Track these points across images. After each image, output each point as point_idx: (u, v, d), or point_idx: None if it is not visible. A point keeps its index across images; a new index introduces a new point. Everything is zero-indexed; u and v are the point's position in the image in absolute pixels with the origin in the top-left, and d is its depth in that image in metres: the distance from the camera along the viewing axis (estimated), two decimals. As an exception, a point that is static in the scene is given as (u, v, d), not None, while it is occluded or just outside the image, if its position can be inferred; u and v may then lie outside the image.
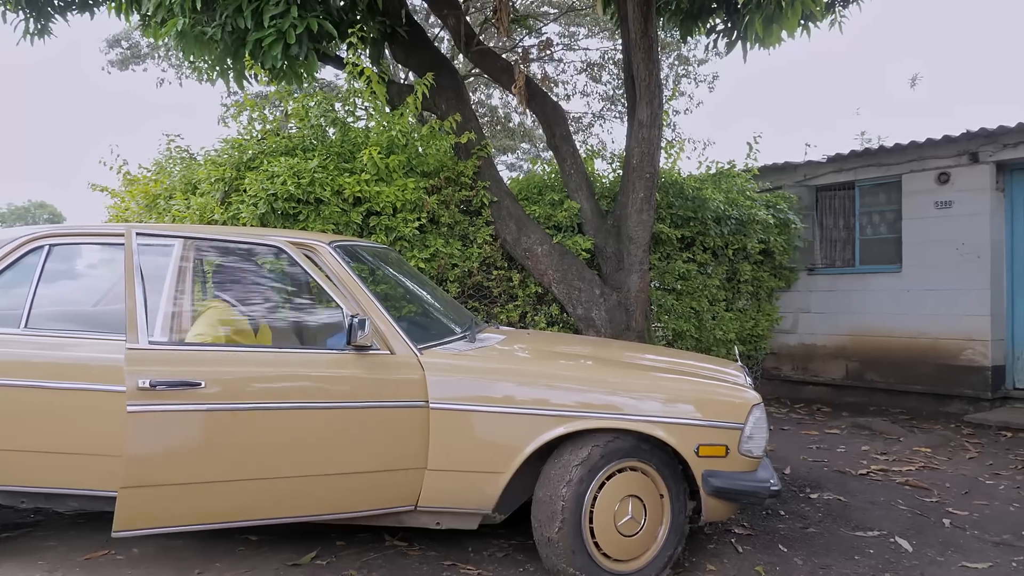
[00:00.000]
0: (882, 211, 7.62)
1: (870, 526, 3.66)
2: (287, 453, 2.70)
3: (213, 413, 2.59)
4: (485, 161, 5.41)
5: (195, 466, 2.59)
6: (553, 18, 13.78)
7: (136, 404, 2.50)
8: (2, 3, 5.67)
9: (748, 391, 2.98)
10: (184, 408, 2.56)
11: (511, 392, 2.85)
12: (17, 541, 3.34)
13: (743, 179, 7.11)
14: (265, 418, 2.66)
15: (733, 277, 6.92)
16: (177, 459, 2.57)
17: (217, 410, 2.59)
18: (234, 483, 2.65)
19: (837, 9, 5.80)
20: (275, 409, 2.67)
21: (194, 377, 2.57)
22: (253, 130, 5.06)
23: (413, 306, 3.60)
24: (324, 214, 4.54)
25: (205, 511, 2.64)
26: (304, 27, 4.36)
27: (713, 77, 14.60)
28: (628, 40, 5.46)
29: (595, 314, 5.22)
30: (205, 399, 2.58)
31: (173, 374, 2.57)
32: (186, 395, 2.56)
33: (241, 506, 2.69)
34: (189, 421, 2.57)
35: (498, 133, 16.00)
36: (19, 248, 3.12)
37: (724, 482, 2.84)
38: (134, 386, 2.52)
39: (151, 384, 2.52)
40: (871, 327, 7.56)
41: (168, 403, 2.54)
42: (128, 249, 2.66)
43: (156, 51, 13.25)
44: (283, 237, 2.99)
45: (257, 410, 2.64)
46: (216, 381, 2.60)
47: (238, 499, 2.68)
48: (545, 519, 2.82)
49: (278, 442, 2.68)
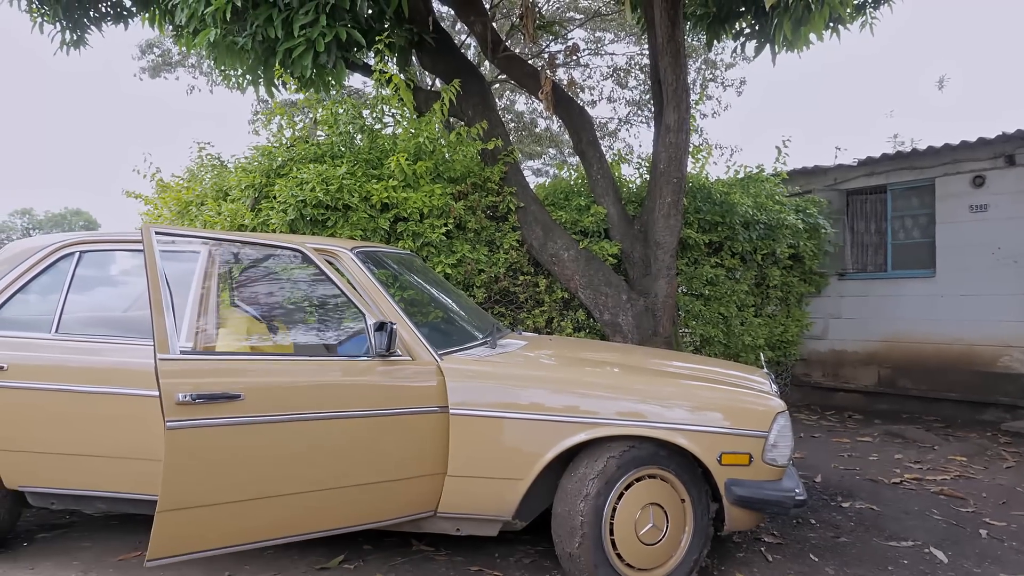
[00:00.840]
0: (915, 215, 7.49)
1: (904, 536, 3.59)
2: (321, 464, 2.63)
3: (253, 426, 2.48)
4: (511, 167, 5.42)
5: (236, 483, 2.47)
6: (579, 23, 13.78)
7: (176, 420, 2.34)
8: (39, 15, 5.81)
9: (773, 399, 2.94)
10: (225, 422, 2.42)
11: (531, 398, 2.84)
12: (53, 542, 3.41)
13: (772, 183, 7.04)
14: (300, 429, 2.57)
15: (762, 282, 6.85)
16: (219, 477, 2.42)
17: (257, 423, 2.48)
18: (274, 499, 2.54)
19: (868, 11, 5.73)
20: (309, 419, 2.59)
21: (234, 389, 2.45)
22: (283, 137, 5.13)
23: (434, 312, 3.60)
24: (352, 220, 4.58)
25: (245, 530, 2.53)
26: (333, 36, 4.41)
27: (741, 82, 14.50)
28: (655, 45, 5.44)
29: (622, 320, 5.20)
30: (245, 411, 2.46)
31: (213, 386, 2.43)
32: (226, 408, 2.43)
33: (280, 522, 2.60)
34: (231, 436, 2.43)
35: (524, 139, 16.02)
36: (51, 254, 3.19)
37: (747, 491, 2.80)
38: (172, 400, 2.35)
39: (192, 398, 2.37)
40: (904, 333, 7.43)
41: (209, 418, 2.40)
42: (149, 249, 2.45)
43: (187, 59, 13.49)
44: (307, 243, 2.99)
45: (293, 421, 2.55)
46: (255, 392, 2.49)
47: (278, 515, 2.58)
48: (565, 534, 2.80)
49: (312, 453, 2.60)
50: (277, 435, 2.52)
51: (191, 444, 2.36)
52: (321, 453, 2.61)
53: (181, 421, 2.34)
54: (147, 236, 2.44)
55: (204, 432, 2.39)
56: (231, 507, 2.45)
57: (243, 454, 2.47)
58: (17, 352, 3.01)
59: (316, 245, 3.00)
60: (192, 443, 2.36)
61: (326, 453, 2.62)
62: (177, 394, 2.35)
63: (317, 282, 2.88)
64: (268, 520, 2.56)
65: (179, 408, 2.35)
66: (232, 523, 2.48)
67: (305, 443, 2.58)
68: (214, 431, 2.41)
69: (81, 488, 3.01)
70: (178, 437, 2.33)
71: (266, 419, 2.49)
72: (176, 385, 2.35)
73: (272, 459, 2.52)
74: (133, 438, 2.91)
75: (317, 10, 4.40)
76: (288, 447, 2.55)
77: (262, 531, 2.56)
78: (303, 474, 2.59)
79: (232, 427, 2.44)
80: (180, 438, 2.33)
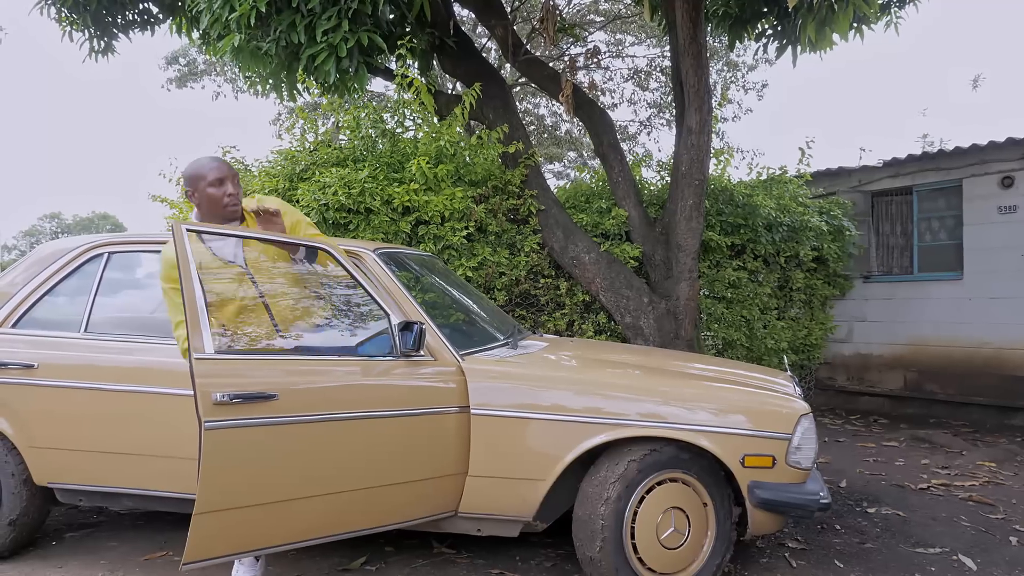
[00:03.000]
0: (941, 217, 7.38)
1: (931, 543, 3.54)
2: (350, 465, 2.61)
3: (288, 426, 2.45)
4: (532, 170, 5.43)
5: (272, 485, 2.45)
6: (600, 26, 13.76)
7: (213, 420, 2.29)
8: (68, 22, 5.92)
9: (796, 401, 2.91)
10: (262, 422, 2.40)
11: (552, 399, 2.83)
12: (81, 541, 3.46)
13: (795, 185, 6.98)
14: (331, 429, 2.56)
15: (785, 285, 6.79)
16: (256, 478, 2.40)
17: (292, 423, 2.46)
18: (306, 500, 2.52)
19: (893, 10, 5.67)
20: (339, 420, 2.57)
21: (269, 389, 2.43)
22: (305, 142, 5.18)
23: (455, 313, 3.61)
24: (374, 223, 4.61)
25: (279, 532, 2.52)
26: (355, 41, 4.44)
27: (762, 85, 14.40)
28: (676, 46, 5.42)
29: (643, 323, 5.18)
30: (280, 411, 2.43)
31: (250, 386, 2.39)
32: (262, 408, 2.40)
33: (312, 524, 2.59)
34: (267, 437, 2.41)
35: (545, 141, 16.02)
36: (80, 256, 3.25)
37: (771, 494, 2.77)
38: (209, 400, 2.30)
39: (230, 397, 2.33)
40: (931, 336, 7.32)
41: (246, 418, 2.36)
42: (180, 247, 2.42)
43: (212, 68, 13.68)
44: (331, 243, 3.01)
45: (324, 421, 2.54)
46: (289, 392, 2.47)
47: (310, 517, 2.57)
48: (586, 538, 2.79)
49: (342, 454, 2.59)
50: (310, 435, 2.50)
51: (228, 445, 2.33)
52: (350, 453, 2.61)
53: (219, 421, 2.30)
54: (178, 233, 2.42)
55: (241, 432, 2.35)
56: (266, 508, 2.44)
57: (278, 455, 2.45)
58: (47, 351, 3.06)
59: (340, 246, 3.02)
60: (229, 444, 2.33)
61: (355, 453, 2.62)
62: (214, 394, 2.30)
63: (342, 282, 2.89)
64: (301, 522, 2.55)
65: (216, 408, 2.30)
66: (267, 525, 2.47)
67: (336, 443, 2.57)
68: (251, 431, 2.37)
69: (108, 485, 3.05)
70: (216, 437, 2.29)
71: (300, 419, 2.48)
72: (213, 385, 2.31)
73: (305, 460, 2.50)
74: (159, 435, 2.95)
75: (339, 15, 4.44)
76: (320, 447, 2.54)
77: (295, 533, 2.55)
78: (334, 475, 2.58)
79: (268, 427, 2.41)
80: (218, 438, 2.30)
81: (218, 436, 2.29)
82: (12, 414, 3.06)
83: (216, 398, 2.30)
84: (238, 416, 2.34)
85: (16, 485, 3.09)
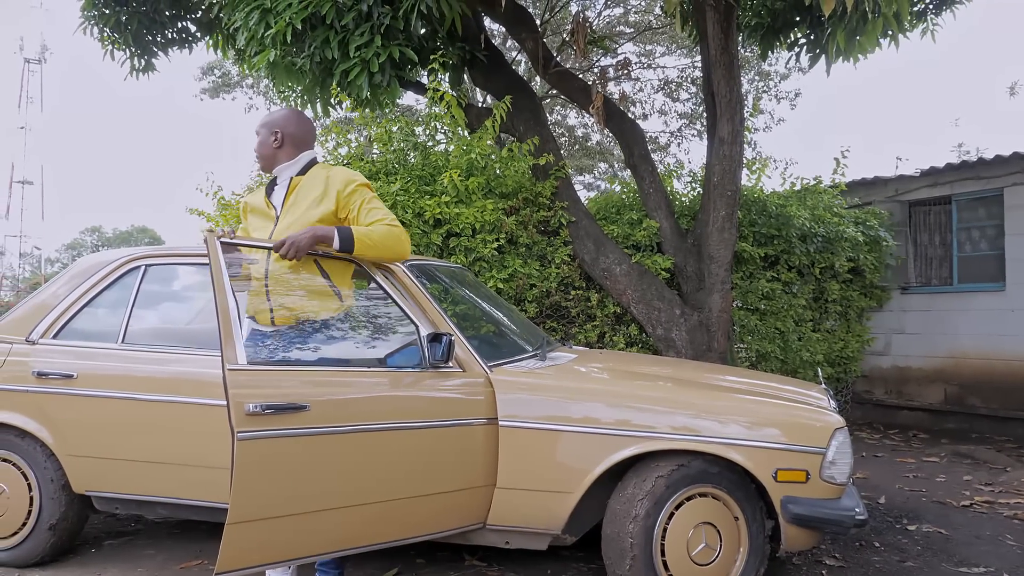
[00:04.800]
0: (982, 226, 7.22)
1: (975, 562, 3.43)
2: (379, 476, 2.61)
3: (320, 437, 2.46)
4: (563, 181, 5.43)
5: (303, 495, 2.44)
6: (630, 37, 13.76)
7: (247, 431, 2.29)
8: (110, 41, 6.09)
9: (831, 414, 2.84)
10: (294, 433, 2.40)
11: (582, 411, 2.81)
12: (119, 548, 3.52)
13: (830, 195, 6.88)
14: (361, 440, 2.56)
15: (820, 296, 6.68)
16: (288, 488, 2.40)
17: (323, 433, 2.46)
18: (338, 511, 2.52)
19: (929, 17, 5.58)
20: (369, 431, 2.57)
21: (301, 399, 2.43)
22: (338, 155, 5.25)
23: (485, 325, 3.61)
24: (405, 236, 4.64)
25: (310, 543, 2.52)
26: (387, 55, 4.50)
27: (795, 94, 14.28)
28: (708, 56, 5.39)
29: (675, 335, 5.13)
30: (312, 423, 2.43)
31: (282, 397, 2.39)
32: (294, 419, 2.40)
33: (343, 535, 2.58)
34: (299, 447, 2.41)
35: (575, 152, 16.03)
36: (118, 268, 3.33)
37: (804, 509, 2.71)
38: (242, 411, 2.30)
39: (262, 408, 2.33)
40: (972, 349, 7.14)
41: (278, 428, 2.37)
42: (214, 258, 2.44)
43: (245, 79, 13.96)
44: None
45: (354, 432, 2.53)
46: (320, 403, 2.47)
47: (341, 527, 2.56)
48: (615, 556, 2.76)
49: (372, 465, 2.59)
50: (341, 446, 2.51)
51: (261, 455, 2.34)
52: (380, 464, 2.61)
53: (251, 432, 2.30)
54: (212, 245, 2.44)
55: (274, 443, 2.36)
56: (298, 519, 2.44)
57: (310, 466, 2.45)
58: (86, 361, 3.13)
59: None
60: (262, 454, 2.34)
61: (384, 464, 2.62)
62: (247, 404, 2.30)
63: (371, 293, 2.90)
64: (332, 533, 2.55)
65: (249, 419, 2.30)
66: (299, 535, 2.47)
67: (366, 454, 2.58)
68: (283, 442, 2.38)
69: (144, 494, 3.10)
70: (248, 448, 2.30)
71: (331, 430, 2.48)
72: (245, 395, 2.31)
73: (336, 471, 2.51)
74: (192, 445, 2.99)
75: (372, 31, 4.50)
76: (351, 458, 2.54)
77: (326, 544, 2.55)
78: (364, 486, 2.59)
79: (300, 438, 2.42)
80: (250, 449, 2.30)
81: (251, 447, 2.30)
82: (52, 423, 3.12)
83: (249, 409, 2.31)
84: (270, 427, 2.35)
85: (55, 491, 3.16)
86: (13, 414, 3.16)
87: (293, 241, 2.54)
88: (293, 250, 2.53)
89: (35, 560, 3.19)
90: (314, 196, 2.72)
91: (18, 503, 3.19)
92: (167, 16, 6.12)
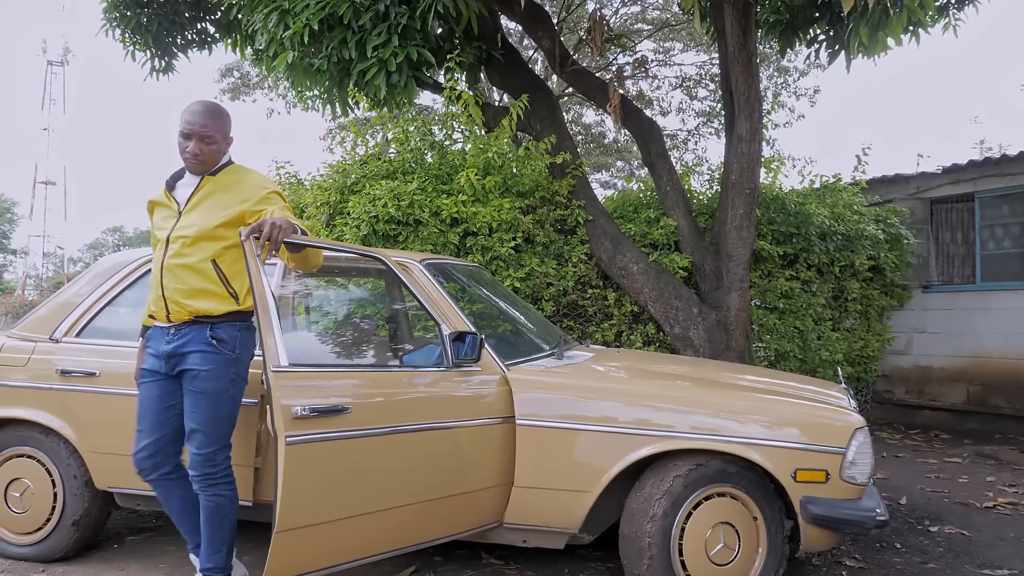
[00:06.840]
0: (1006, 224, 7.11)
1: (999, 564, 3.39)
2: (413, 477, 2.62)
3: (360, 440, 2.44)
4: (580, 180, 5.42)
5: (347, 499, 2.43)
6: (647, 35, 13.71)
7: (295, 435, 2.25)
8: (131, 43, 6.16)
9: (851, 414, 2.82)
10: (337, 435, 2.38)
11: (600, 410, 2.80)
12: (141, 544, 3.56)
13: (850, 193, 6.80)
14: (395, 442, 2.55)
15: (840, 295, 6.61)
16: (334, 493, 2.39)
17: (363, 436, 2.45)
18: (377, 514, 2.51)
19: (951, 12, 5.51)
20: (402, 432, 2.56)
21: (343, 401, 2.42)
22: (356, 155, 5.27)
23: (502, 324, 3.62)
24: (423, 235, 4.65)
25: (353, 547, 2.50)
26: (404, 56, 4.52)
27: (814, 91, 14.13)
28: (726, 53, 5.36)
29: (693, 333, 5.10)
30: (353, 424, 2.42)
31: (326, 398, 2.38)
32: (337, 421, 2.38)
33: (381, 538, 2.57)
34: (342, 450, 2.39)
35: (592, 151, 16.00)
36: (139, 268, 3.36)
37: (824, 509, 2.68)
38: (290, 415, 2.26)
39: (309, 411, 2.30)
40: (995, 348, 7.04)
41: (323, 432, 2.34)
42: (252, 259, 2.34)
43: (264, 81, 14.07)
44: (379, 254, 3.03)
45: (390, 434, 2.53)
46: (359, 405, 2.47)
47: (380, 531, 2.56)
48: (633, 556, 2.75)
49: (406, 465, 2.59)
50: (379, 448, 2.50)
51: (309, 460, 2.30)
52: (413, 465, 2.61)
53: (300, 436, 2.26)
54: (249, 246, 2.34)
55: (321, 447, 2.32)
56: (340, 524, 2.42)
57: (352, 469, 2.44)
58: (108, 360, 3.16)
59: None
60: (310, 459, 2.31)
61: (417, 465, 2.62)
62: (295, 408, 2.27)
63: (393, 292, 2.91)
64: (372, 536, 2.54)
65: (297, 422, 2.25)
66: (343, 540, 2.46)
67: (400, 455, 2.57)
68: (328, 445, 2.35)
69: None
70: (298, 453, 2.25)
71: (369, 432, 2.47)
72: (292, 398, 2.28)
73: (376, 473, 2.50)
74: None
75: (389, 31, 4.52)
76: (387, 460, 2.54)
77: (367, 548, 2.55)
78: (400, 487, 2.58)
79: (343, 441, 2.40)
80: (300, 454, 2.25)
81: (300, 451, 2.27)
82: (75, 420, 3.16)
83: (297, 412, 2.28)
84: (316, 430, 2.33)
85: (78, 487, 3.20)
86: (37, 411, 3.20)
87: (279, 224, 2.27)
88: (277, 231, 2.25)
89: (59, 555, 3.23)
90: (225, 197, 2.62)
91: (42, 499, 3.23)
92: (187, 17, 6.19)
